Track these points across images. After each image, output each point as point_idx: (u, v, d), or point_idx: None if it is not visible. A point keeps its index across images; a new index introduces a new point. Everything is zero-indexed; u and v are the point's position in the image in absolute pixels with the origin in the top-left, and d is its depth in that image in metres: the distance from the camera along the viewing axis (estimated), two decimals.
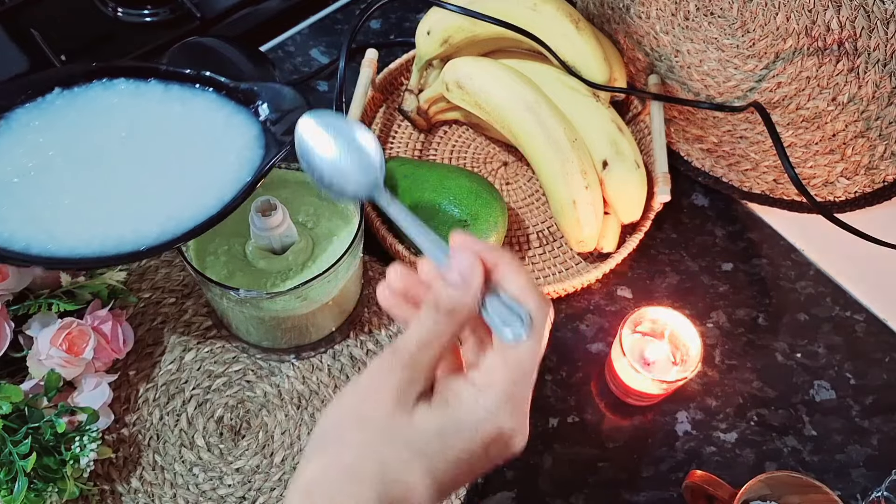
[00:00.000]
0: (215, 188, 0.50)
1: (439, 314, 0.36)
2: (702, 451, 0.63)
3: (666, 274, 0.72)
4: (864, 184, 0.66)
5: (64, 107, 0.54)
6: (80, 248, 0.47)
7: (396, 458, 0.34)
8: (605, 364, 0.65)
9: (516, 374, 0.35)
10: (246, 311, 0.56)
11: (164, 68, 0.55)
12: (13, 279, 0.56)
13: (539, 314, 0.36)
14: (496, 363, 0.36)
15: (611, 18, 0.76)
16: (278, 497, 0.58)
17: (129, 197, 0.50)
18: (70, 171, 0.50)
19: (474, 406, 0.35)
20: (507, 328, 0.36)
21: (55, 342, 0.55)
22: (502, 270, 0.37)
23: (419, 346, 0.35)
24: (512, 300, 0.36)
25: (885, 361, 0.68)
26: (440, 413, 0.35)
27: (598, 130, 0.68)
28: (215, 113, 0.54)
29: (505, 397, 0.35)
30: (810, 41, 0.61)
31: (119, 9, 0.87)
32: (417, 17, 0.88)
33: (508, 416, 0.35)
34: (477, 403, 0.35)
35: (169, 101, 0.55)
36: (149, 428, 0.61)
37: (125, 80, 0.56)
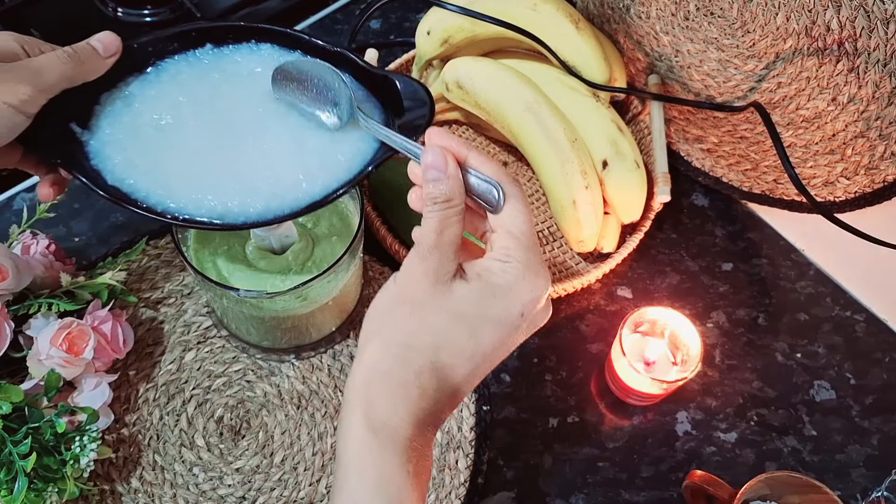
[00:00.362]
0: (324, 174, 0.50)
1: (437, 204, 0.40)
2: (702, 451, 0.63)
3: (666, 274, 0.72)
4: (864, 184, 0.66)
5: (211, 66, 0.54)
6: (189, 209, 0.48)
7: (444, 326, 0.39)
8: (605, 364, 0.65)
9: (526, 241, 0.40)
10: (246, 311, 0.56)
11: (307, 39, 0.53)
12: (13, 279, 0.56)
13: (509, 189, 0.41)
14: (506, 239, 0.40)
15: (611, 18, 0.76)
16: (278, 497, 0.59)
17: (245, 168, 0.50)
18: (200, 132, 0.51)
19: (503, 275, 0.40)
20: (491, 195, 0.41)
21: (55, 342, 0.55)
22: (472, 161, 0.41)
23: (436, 232, 0.40)
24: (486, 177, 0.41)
25: (885, 361, 0.68)
26: (476, 283, 0.40)
27: (598, 130, 0.68)
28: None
29: (525, 263, 0.40)
30: (810, 41, 0.61)
31: (119, 9, 0.87)
32: (417, 17, 0.88)
33: (533, 277, 0.40)
34: (506, 273, 0.40)
35: None
36: (149, 428, 0.61)
37: (271, 47, 0.55)
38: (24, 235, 0.64)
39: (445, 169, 0.40)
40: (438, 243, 0.40)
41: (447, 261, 0.40)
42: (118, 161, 0.49)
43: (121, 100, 0.51)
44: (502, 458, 0.62)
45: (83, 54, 0.48)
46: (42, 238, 0.63)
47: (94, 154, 0.50)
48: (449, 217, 0.40)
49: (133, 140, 0.50)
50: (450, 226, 0.40)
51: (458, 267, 0.41)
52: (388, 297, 0.41)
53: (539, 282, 0.40)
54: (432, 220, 0.40)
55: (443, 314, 0.39)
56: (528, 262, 0.40)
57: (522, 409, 0.64)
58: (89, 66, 0.48)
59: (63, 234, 0.71)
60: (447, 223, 0.40)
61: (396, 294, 0.41)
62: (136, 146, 0.50)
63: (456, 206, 0.40)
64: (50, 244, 0.63)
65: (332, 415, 0.62)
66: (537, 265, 0.40)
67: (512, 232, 0.40)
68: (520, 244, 0.40)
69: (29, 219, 0.64)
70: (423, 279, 0.40)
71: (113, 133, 0.50)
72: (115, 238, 0.71)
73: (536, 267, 0.40)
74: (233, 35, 0.54)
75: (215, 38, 0.54)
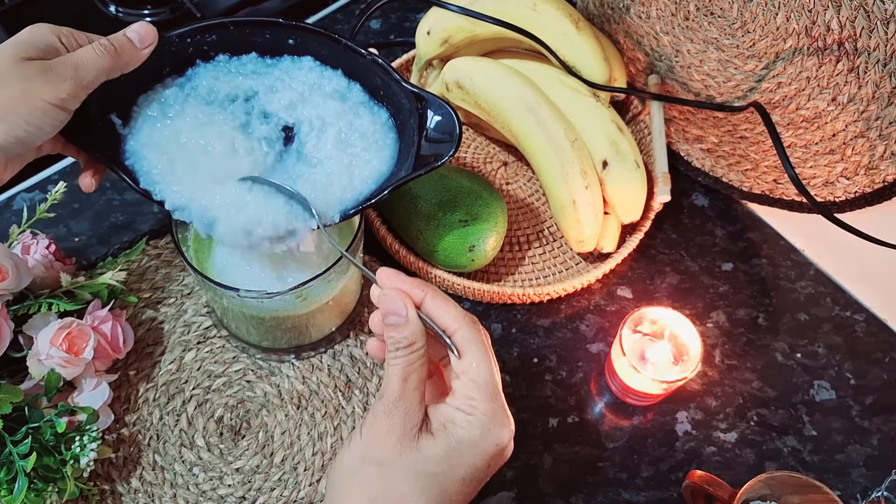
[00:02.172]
0: (340, 196, 0.52)
1: (399, 350, 0.41)
2: (702, 451, 0.63)
3: (666, 274, 0.72)
4: (864, 184, 0.66)
5: (254, 77, 0.55)
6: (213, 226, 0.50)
7: (413, 487, 0.39)
8: (605, 364, 0.65)
9: (490, 390, 0.40)
10: (246, 311, 0.56)
11: (345, 42, 0.54)
12: (13, 279, 0.56)
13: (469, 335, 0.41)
14: (469, 388, 0.40)
15: (611, 18, 0.76)
16: (278, 497, 0.58)
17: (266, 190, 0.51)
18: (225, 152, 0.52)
19: (469, 428, 0.40)
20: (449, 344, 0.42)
21: (55, 342, 0.55)
22: (428, 306, 0.42)
23: (400, 382, 0.40)
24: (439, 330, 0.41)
25: (885, 361, 0.68)
26: (442, 439, 0.40)
27: (598, 130, 0.68)
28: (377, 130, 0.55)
29: (490, 414, 0.40)
30: (810, 41, 0.61)
31: (119, 9, 0.87)
32: (417, 17, 0.88)
33: (498, 429, 0.40)
34: (471, 426, 0.40)
35: (343, 100, 0.55)
36: (149, 428, 0.61)
37: (312, 61, 0.55)
38: (24, 235, 0.64)
39: (405, 313, 0.41)
40: (403, 393, 0.40)
41: (413, 412, 0.40)
42: (150, 167, 0.51)
43: (157, 103, 0.53)
44: None
45: (119, 46, 0.48)
46: (42, 238, 0.63)
47: (131, 154, 0.52)
48: (412, 363, 0.40)
49: (163, 152, 0.51)
50: (413, 371, 0.40)
51: (423, 416, 0.41)
52: (354, 453, 0.41)
53: (503, 432, 0.40)
54: (396, 368, 0.40)
55: (411, 477, 0.39)
56: (492, 413, 0.40)
57: (522, 409, 0.64)
58: (126, 58, 0.49)
59: (63, 234, 0.71)
60: (411, 369, 0.40)
61: (363, 451, 0.40)
62: (167, 158, 0.51)
63: (418, 349, 0.41)
64: (50, 244, 0.63)
65: (332, 415, 0.62)
66: (501, 415, 0.40)
67: (475, 381, 0.40)
68: (483, 394, 0.40)
69: (29, 219, 0.64)
70: (389, 436, 0.40)
71: (147, 141, 0.52)
72: (115, 238, 0.71)
73: (500, 416, 0.40)
74: (271, 33, 0.54)
75: (258, 41, 0.54)
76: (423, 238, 0.66)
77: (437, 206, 0.65)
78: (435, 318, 0.42)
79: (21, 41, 0.46)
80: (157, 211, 0.71)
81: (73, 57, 0.46)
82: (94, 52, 0.47)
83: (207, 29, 0.54)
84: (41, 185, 0.74)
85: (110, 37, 0.48)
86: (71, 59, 0.46)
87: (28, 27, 0.47)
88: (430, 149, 0.52)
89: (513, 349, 0.67)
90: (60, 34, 0.47)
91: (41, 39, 0.46)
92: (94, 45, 0.47)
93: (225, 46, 0.55)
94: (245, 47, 0.55)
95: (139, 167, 0.51)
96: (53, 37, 0.47)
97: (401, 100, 0.54)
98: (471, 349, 0.41)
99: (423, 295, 0.42)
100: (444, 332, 0.41)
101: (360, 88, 0.56)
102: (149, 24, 0.50)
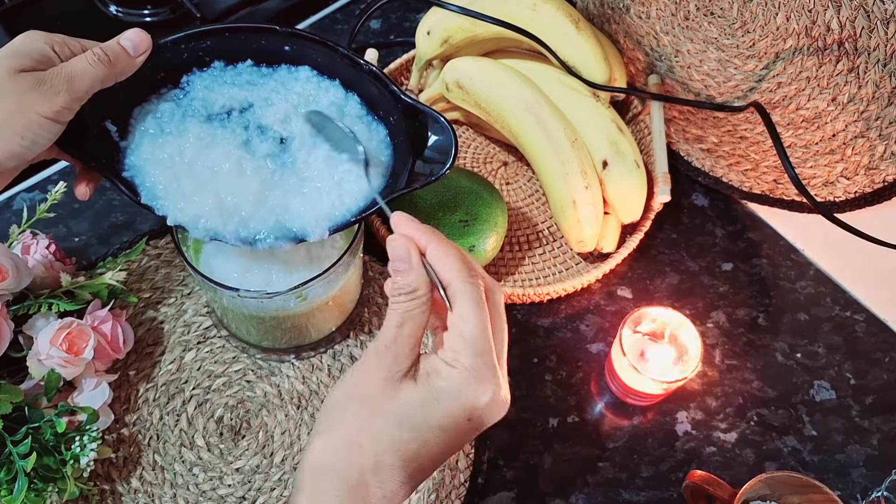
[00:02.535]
0: (329, 212, 0.52)
1: (402, 296, 0.41)
2: (702, 451, 0.63)
3: (666, 274, 0.72)
4: (864, 184, 0.66)
5: (249, 87, 0.54)
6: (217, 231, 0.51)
7: (389, 429, 0.39)
8: (605, 364, 0.65)
9: (475, 344, 0.40)
10: (246, 311, 0.56)
11: (343, 52, 0.53)
12: (13, 279, 0.56)
13: (462, 289, 0.41)
14: (455, 340, 0.40)
15: (611, 18, 0.76)
16: (278, 497, 0.58)
17: (255, 200, 0.51)
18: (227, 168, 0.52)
19: (449, 380, 0.40)
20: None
21: (55, 342, 0.55)
22: (431, 253, 0.42)
23: (395, 327, 0.41)
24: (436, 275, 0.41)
25: (885, 361, 0.68)
26: (422, 386, 0.40)
27: (598, 130, 0.68)
28: (373, 148, 0.54)
29: (472, 369, 0.40)
30: (810, 41, 0.61)
31: (119, 9, 0.87)
32: (417, 17, 0.88)
33: (481, 384, 0.40)
34: (451, 378, 0.40)
35: (339, 114, 0.54)
36: (149, 428, 0.61)
37: (309, 71, 0.55)
38: (24, 235, 0.64)
39: (409, 260, 0.41)
40: (396, 337, 0.40)
41: (402, 358, 0.40)
42: (152, 183, 0.51)
43: (154, 118, 0.52)
44: (502, 457, 0.62)
45: (114, 56, 0.47)
46: (42, 238, 0.63)
47: (130, 168, 0.51)
48: (411, 310, 0.41)
49: (166, 169, 0.51)
50: (411, 318, 0.41)
51: (413, 363, 0.41)
52: (342, 389, 0.41)
53: (487, 387, 0.40)
54: (394, 313, 0.41)
55: (388, 417, 0.39)
56: (474, 367, 0.40)
57: (522, 409, 0.64)
58: (120, 67, 0.48)
59: (63, 234, 0.71)
60: (409, 316, 0.41)
61: (350, 389, 0.41)
62: (172, 175, 0.51)
63: (420, 296, 0.41)
64: (50, 244, 0.63)
65: None
66: (485, 369, 0.40)
67: (462, 334, 0.40)
68: (468, 348, 0.40)
69: (29, 219, 0.64)
70: (376, 375, 0.40)
71: (148, 157, 0.51)
72: (115, 238, 0.71)
73: (484, 371, 0.40)
74: (267, 40, 0.54)
75: (254, 48, 0.54)
76: None
77: (437, 206, 0.65)
78: (435, 267, 0.42)
79: (14, 51, 0.45)
80: None
81: (66, 68, 0.46)
82: (88, 63, 0.46)
83: (202, 35, 0.53)
84: (41, 185, 0.74)
85: (104, 45, 0.48)
86: (65, 70, 0.46)
87: (21, 35, 0.46)
88: (424, 168, 0.52)
89: (513, 349, 0.67)
90: (53, 42, 0.46)
91: (34, 49, 0.46)
92: (87, 55, 0.47)
93: (220, 53, 0.54)
94: (241, 54, 0.54)
95: (140, 181, 0.51)
96: (46, 45, 0.46)
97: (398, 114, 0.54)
98: (461, 302, 0.41)
99: (427, 243, 0.42)
100: (440, 282, 0.41)
101: (357, 101, 0.55)
102: (142, 31, 0.49)
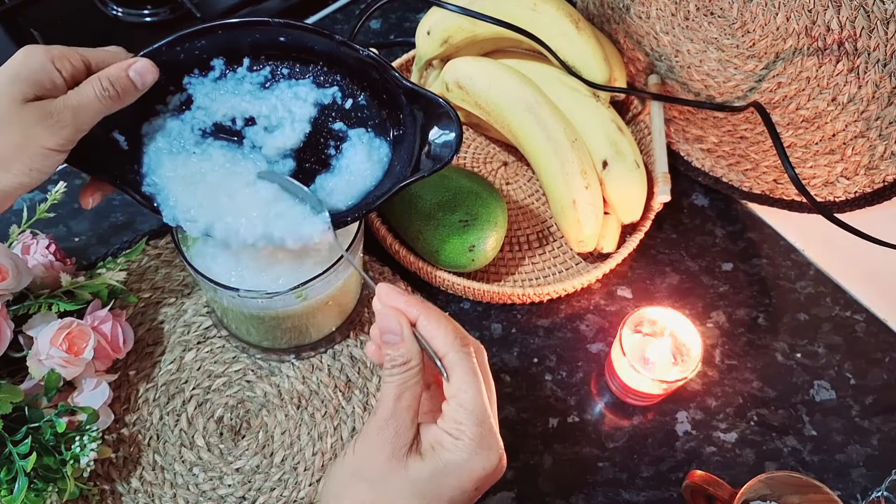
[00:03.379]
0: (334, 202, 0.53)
1: (395, 367, 0.42)
2: (702, 451, 0.63)
3: (666, 274, 0.72)
4: (864, 184, 0.66)
5: (247, 102, 0.54)
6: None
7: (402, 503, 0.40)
8: (605, 364, 0.65)
9: (477, 414, 0.41)
10: (246, 310, 0.56)
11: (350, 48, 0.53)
12: (13, 279, 0.56)
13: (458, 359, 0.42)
14: (457, 412, 0.41)
15: (611, 18, 0.76)
16: (278, 497, 0.58)
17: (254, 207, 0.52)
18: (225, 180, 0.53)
19: (455, 451, 0.41)
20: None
21: (55, 342, 0.55)
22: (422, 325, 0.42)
23: (394, 400, 0.41)
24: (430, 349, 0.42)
25: (885, 361, 0.68)
26: (430, 460, 0.41)
27: (598, 130, 0.68)
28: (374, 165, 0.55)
29: (477, 439, 0.41)
30: (810, 41, 0.61)
31: (119, 9, 0.87)
32: (417, 17, 0.88)
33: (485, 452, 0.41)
34: (458, 449, 0.40)
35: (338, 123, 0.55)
36: (149, 428, 0.61)
37: (309, 86, 0.55)
38: (24, 235, 0.64)
39: (401, 332, 0.42)
40: (396, 411, 0.41)
41: (404, 430, 0.41)
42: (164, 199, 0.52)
43: (164, 137, 0.53)
44: None
45: (122, 90, 0.47)
46: (42, 238, 0.63)
47: (148, 186, 0.52)
48: (407, 381, 0.41)
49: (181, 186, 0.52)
50: (408, 389, 0.41)
51: (414, 435, 0.42)
52: (346, 468, 0.42)
53: (491, 455, 0.41)
54: (391, 386, 0.42)
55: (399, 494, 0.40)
56: (479, 437, 0.41)
57: (522, 409, 0.64)
58: (125, 100, 0.48)
59: (63, 234, 0.71)
60: (405, 387, 0.41)
61: (354, 467, 0.42)
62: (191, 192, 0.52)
63: (413, 367, 0.42)
64: (50, 244, 0.63)
65: (332, 415, 0.62)
66: (489, 438, 0.41)
67: (463, 406, 0.41)
68: (471, 418, 0.41)
69: (29, 219, 0.64)
70: (380, 453, 0.41)
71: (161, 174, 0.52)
72: (115, 238, 0.71)
73: (488, 440, 0.41)
74: (261, 33, 0.53)
75: (249, 48, 0.54)
76: (423, 238, 0.66)
77: (437, 206, 0.65)
78: (428, 339, 0.42)
79: (17, 76, 0.45)
80: None
81: (72, 100, 0.46)
82: (96, 96, 0.46)
83: (196, 35, 0.52)
84: (41, 185, 0.74)
85: (112, 77, 0.47)
86: (71, 102, 0.45)
87: (21, 53, 0.46)
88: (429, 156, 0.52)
89: (513, 349, 0.67)
90: (54, 58, 0.46)
91: (37, 71, 0.45)
92: (95, 86, 0.46)
93: (218, 50, 0.53)
94: (238, 50, 0.54)
95: (160, 198, 0.52)
96: (49, 64, 0.45)
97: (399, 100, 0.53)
98: (459, 373, 0.41)
99: (417, 315, 0.43)
100: (435, 353, 0.42)
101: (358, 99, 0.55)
102: (150, 62, 0.49)
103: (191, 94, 0.53)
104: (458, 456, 0.40)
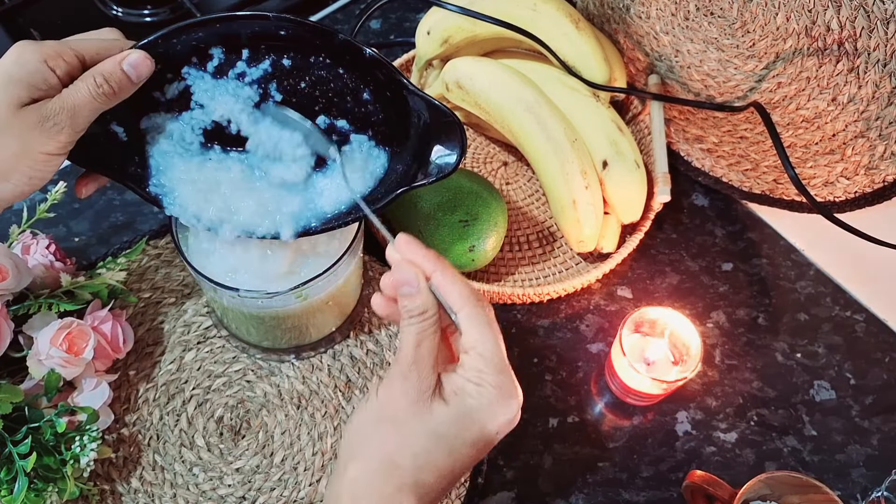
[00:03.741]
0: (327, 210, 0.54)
1: (413, 318, 0.43)
2: (702, 451, 0.63)
3: (666, 274, 0.72)
4: (864, 184, 0.66)
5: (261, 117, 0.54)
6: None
7: (426, 447, 0.41)
8: (605, 364, 0.65)
9: (497, 363, 0.42)
10: (246, 310, 0.56)
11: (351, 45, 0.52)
12: (13, 279, 0.56)
13: (474, 313, 0.43)
14: (478, 361, 0.42)
15: (611, 18, 0.76)
16: (278, 497, 0.58)
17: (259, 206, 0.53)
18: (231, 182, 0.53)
19: (479, 398, 0.42)
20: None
21: (55, 342, 0.55)
22: (436, 281, 0.43)
23: (414, 347, 0.42)
24: (445, 303, 0.43)
25: (885, 361, 0.68)
26: (454, 405, 0.42)
27: (598, 130, 0.68)
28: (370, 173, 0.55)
29: (498, 386, 0.42)
30: (810, 41, 0.61)
31: (119, 9, 0.87)
32: (417, 17, 0.88)
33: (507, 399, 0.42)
34: (481, 396, 0.42)
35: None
36: (149, 428, 0.61)
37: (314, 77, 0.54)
38: (24, 235, 0.64)
39: (417, 284, 0.43)
40: (417, 358, 0.42)
41: (427, 375, 0.42)
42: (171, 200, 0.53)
43: (167, 139, 0.53)
44: (502, 458, 0.62)
45: (117, 86, 0.46)
46: (42, 238, 0.63)
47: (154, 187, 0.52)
48: (425, 329, 0.42)
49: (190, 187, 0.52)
50: (426, 338, 0.42)
51: (437, 380, 0.43)
52: (369, 413, 0.43)
53: (512, 403, 0.43)
54: (409, 335, 0.42)
55: (423, 436, 0.41)
56: (500, 384, 0.42)
57: (522, 408, 0.64)
58: (121, 95, 0.47)
59: (63, 234, 0.71)
60: (423, 335, 0.42)
61: (378, 411, 0.43)
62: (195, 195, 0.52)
63: (430, 317, 0.43)
64: (50, 244, 0.63)
65: (332, 415, 0.62)
66: (509, 386, 0.43)
67: (483, 355, 0.42)
68: (491, 367, 0.42)
69: (29, 219, 0.64)
70: (404, 397, 0.42)
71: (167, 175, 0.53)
72: (115, 238, 0.71)
73: (509, 388, 0.42)
74: (260, 27, 0.51)
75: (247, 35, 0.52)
76: (422, 238, 0.66)
77: (437, 206, 0.65)
78: (444, 294, 0.43)
79: (10, 78, 0.44)
80: (157, 211, 0.71)
81: (68, 100, 0.45)
82: (90, 94, 0.45)
83: (193, 27, 0.51)
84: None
85: (106, 72, 0.46)
86: (66, 103, 0.45)
87: (13, 51, 0.44)
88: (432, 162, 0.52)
89: (513, 349, 0.67)
90: (47, 58, 0.44)
91: (31, 73, 0.44)
92: (89, 84, 0.45)
93: (216, 40, 0.52)
94: (236, 40, 0.52)
95: (167, 199, 0.52)
96: (42, 65, 0.44)
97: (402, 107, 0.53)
98: (476, 326, 0.42)
99: (433, 270, 0.44)
100: (451, 308, 0.43)
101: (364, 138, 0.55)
102: (144, 54, 0.47)
103: (189, 84, 0.52)
104: (481, 402, 0.42)
